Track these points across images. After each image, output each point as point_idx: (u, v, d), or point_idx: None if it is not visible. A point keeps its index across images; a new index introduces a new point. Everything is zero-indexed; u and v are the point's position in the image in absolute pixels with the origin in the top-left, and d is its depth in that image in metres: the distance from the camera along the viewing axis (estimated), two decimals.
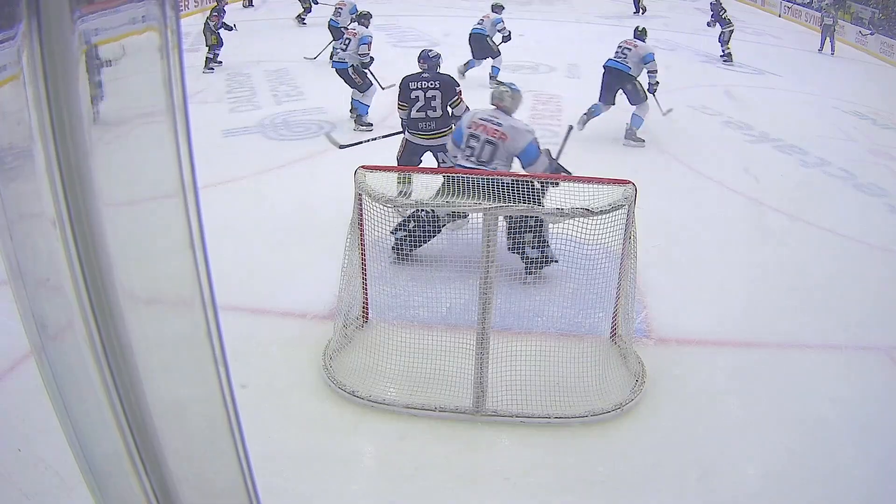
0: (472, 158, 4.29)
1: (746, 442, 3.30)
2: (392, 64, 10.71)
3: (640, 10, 17.98)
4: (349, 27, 8.37)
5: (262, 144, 7.34)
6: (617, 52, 7.53)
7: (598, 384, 3.44)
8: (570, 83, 10.20)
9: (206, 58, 10.27)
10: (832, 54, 14.94)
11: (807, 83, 11.53)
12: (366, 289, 3.89)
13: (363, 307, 3.95)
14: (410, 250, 4.24)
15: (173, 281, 0.74)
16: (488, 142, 4.28)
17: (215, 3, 10.72)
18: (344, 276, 3.73)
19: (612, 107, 7.60)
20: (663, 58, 12.70)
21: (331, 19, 10.81)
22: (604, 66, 7.56)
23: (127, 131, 0.70)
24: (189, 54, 11.22)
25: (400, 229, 4.21)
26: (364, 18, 8.10)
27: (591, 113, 7.57)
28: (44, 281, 0.70)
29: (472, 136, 4.34)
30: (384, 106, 7.67)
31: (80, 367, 0.69)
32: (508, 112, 4.42)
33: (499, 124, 4.31)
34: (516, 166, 4.36)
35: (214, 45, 10.28)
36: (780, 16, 21.12)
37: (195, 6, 16.34)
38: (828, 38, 15.03)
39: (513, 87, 4.56)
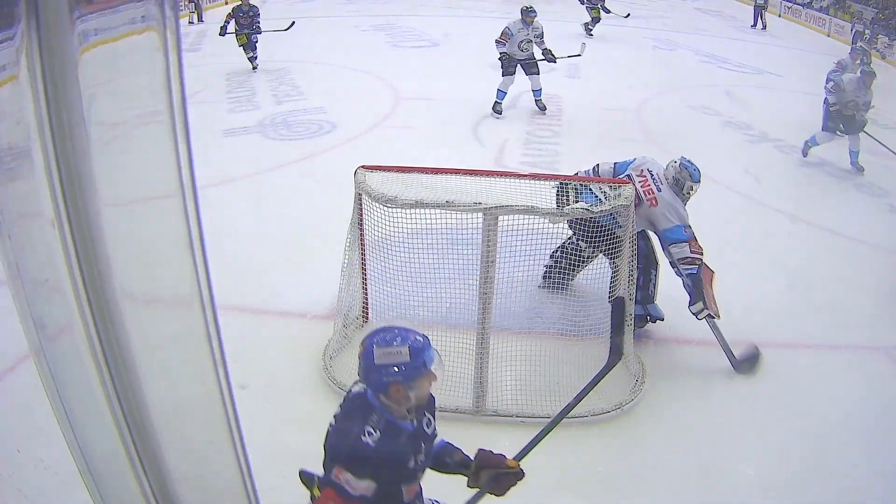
0: (601, 190, 3.89)
1: (746, 442, 3.30)
2: (392, 64, 10.74)
3: (761, 25, 17.76)
4: None
5: (262, 144, 7.34)
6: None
7: (598, 384, 3.44)
8: (571, 83, 10.19)
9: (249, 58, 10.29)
10: (764, 28, 17.22)
11: (807, 83, 11.52)
12: (366, 289, 3.89)
13: (363, 307, 3.95)
14: (559, 280, 4.10)
15: (173, 281, 0.74)
16: (636, 194, 3.90)
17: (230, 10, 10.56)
18: (344, 276, 3.72)
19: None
20: (663, 58, 12.75)
21: None
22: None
23: (126, 131, 0.70)
24: (188, 54, 11.23)
25: (551, 257, 4.11)
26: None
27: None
28: (43, 281, 0.70)
29: (629, 176, 4.06)
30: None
31: (80, 368, 0.69)
32: (671, 186, 4.10)
33: (659, 189, 4.03)
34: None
35: (244, 44, 10.20)
36: (779, 15, 21.11)
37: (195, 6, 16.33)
38: (759, 16, 17.46)
39: (685, 164, 4.20)
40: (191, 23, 15.52)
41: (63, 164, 0.61)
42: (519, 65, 8.28)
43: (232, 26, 10.08)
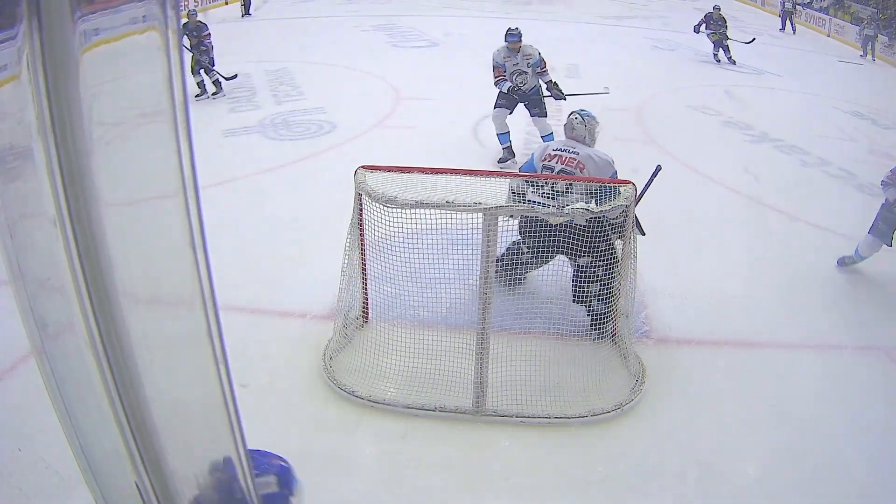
0: (545, 191, 3.88)
1: (746, 442, 3.30)
2: (392, 64, 10.74)
3: (791, 29, 18.02)
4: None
5: (262, 144, 7.34)
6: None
7: (598, 384, 3.45)
8: (571, 83, 10.18)
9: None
10: (794, 33, 17.80)
11: (807, 83, 11.54)
12: (366, 289, 3.89)
13: (363, 307, 3.95)
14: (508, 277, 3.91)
15: (174, 281, 0.74)
16: (563, 172, 3.95)
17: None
18: (344, 276, 3.73)
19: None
20: (663, 58, 12.76)
21: None
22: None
23: (127, 131, 0.70)
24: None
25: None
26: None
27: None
28: (44, 281, 0.70)
29: (545, 168, 4.03)
30: None
31: (80, 367, 0.69)
32: (583, 142, 4.10)
33: (576, 153, 3.99)
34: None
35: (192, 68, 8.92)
36: (780, 16, 21.10)
37: (195, 6, 16.35)
38: (787, 20, 18.05)
39: (584, 113, 4.18)
40: (243, 15, 15.93)
41: (65, 164, 0.61)
42: (520, 102, 6.71)
43: (186, 41, 8.88)
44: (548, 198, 3.85)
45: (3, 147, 0.68)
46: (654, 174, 3.97)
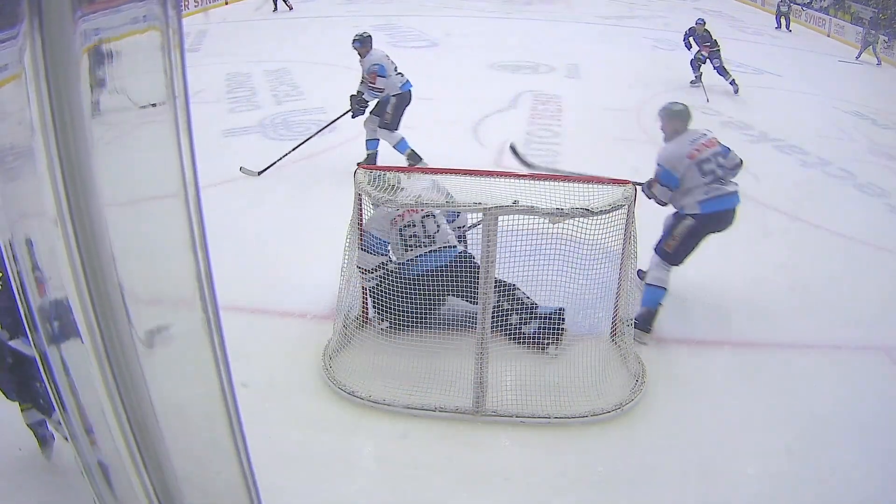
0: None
1: (746, 442, 3.30)
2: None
3: (786, 28, 18.01)
4: None
5: (262, 144, 7.34)
6: None
7: (598, 384, 3.44)
8: (570, 83, 10.19)
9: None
10: (789, 31, 17.76)
11: (807, 83, 11.54)
12: (365, 289, 3.89)
13: (363, 307, 3.95)
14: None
15: (174, 281, 0.74)
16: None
17: None
18: (343, 276, 3.73)
19: None
20: (663, 58, 12.74)
21: None
22: None
23: (128, 131, 0.70)
24: (190, 54, 11.22)
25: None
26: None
27: None
28: (44, 281, 0.70)
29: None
30: None
31: (82, 367, 0.69)
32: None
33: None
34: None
35: None
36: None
37: (196, 6, 16.35)
38: (783, 19, 18.04)
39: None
40: (275, 10, 15.96)
41: (65, 164, 0.61)
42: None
43: None
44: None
45: (3, 147, 0.68)
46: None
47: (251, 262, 4.64)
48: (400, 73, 6.35)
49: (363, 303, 3.94)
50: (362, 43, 6.30)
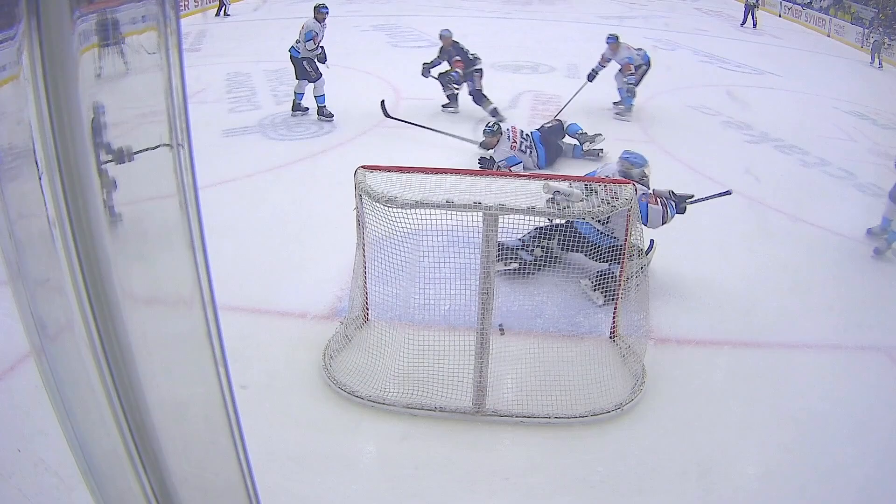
0: None
1: (746, 442, 3.30)
2: (392, 63, 10.73)
3: (752, 24, 17.97)
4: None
5: (262, 144, 7.34)
6: None
7: (598, 384, 3.44)
8: (571, 83, 10.18)
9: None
10: (754, 27, 17.65)
11: (807, 83, 11.53)
12: (366, 289, 3.89)
13: (364, 307, 3.95)
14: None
15: (173, 281, 0.74)
16: None
17: None
18: (355, 276, 3.71)
19: None
20: (663, 58, 12.74)
21: None
22: None
23: (127, 131, 0.70)
24: (188, 54, 11.22)
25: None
26: (316, 11, 7.85)
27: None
28: (44, 281, 0.70)
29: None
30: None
31: (80, 367, 0.69)
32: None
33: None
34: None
35: None
36: (780, 16, 21.13)
37: (195, 6, 16.35)
38: (750, 14, 17.92)
39: (633, 158, 4.77)
40: (217, 14, 15.75)
41: (64, 164, 0.61)
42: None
43: None
44: None
45: (3, 147, 0.68)
46: (720, 194, 4.57)
47: (251, 262, 4.64)
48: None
49: (364, 302, 3.94)
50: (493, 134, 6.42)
